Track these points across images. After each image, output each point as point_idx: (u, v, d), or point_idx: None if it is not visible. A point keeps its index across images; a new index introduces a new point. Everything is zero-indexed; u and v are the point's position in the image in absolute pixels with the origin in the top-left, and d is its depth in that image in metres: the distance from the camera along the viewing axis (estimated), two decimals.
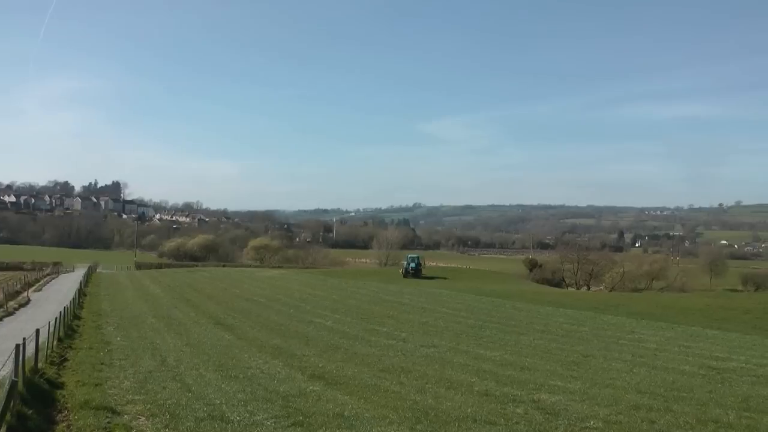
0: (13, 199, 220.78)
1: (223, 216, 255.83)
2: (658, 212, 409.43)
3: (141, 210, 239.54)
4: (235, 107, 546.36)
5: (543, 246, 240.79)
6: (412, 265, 65.31)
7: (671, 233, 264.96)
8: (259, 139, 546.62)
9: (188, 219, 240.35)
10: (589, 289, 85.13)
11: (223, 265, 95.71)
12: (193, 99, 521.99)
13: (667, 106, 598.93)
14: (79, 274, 64.46)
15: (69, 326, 22.68)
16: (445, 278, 62.23)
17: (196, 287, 47.96)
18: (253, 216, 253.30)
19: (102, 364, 15.99)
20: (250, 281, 55.15)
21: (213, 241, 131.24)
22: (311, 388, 13.62)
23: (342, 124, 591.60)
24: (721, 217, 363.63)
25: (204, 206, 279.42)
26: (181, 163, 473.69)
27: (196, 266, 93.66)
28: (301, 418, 10.95)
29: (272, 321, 27.37)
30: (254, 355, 18.15)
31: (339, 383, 14.24)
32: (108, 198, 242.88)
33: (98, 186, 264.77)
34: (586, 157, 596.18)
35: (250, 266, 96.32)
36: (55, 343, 18.05)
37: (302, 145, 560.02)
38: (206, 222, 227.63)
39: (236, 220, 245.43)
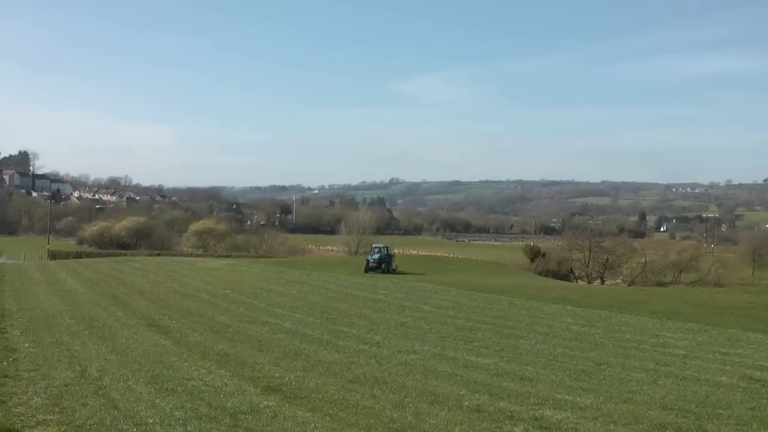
0: None
1: (158, 194, 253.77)
2: (688, 189, 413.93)
3: (55, 186, 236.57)
4: (166, 60, 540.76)
5: (547, 230, 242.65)
6: (375, 256, 62.26)
7: (704, 215, 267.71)
8: (199, 100, 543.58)
9: (114, 197, 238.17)
10: (603, 283, 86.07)
11: (158, 254, 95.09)
12: (114, 53, 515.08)
13: (698, 59, 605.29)
14: None
15: None
16: (422, 274, 61.96)
17: (125, 281, 47.62)
18: (194, 194, 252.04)
19: (5, 376, 15.81)
20: (190, 273, 54.86)
21: (145, 224, 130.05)
22: (265, 403, 13.61)
23: (300, 83, 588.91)
24: (766, 195, 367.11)
25: (134, 182, 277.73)
26: (103, 130, 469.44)
27: (125, 255, 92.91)
28: None
29: (218, 322, 27.28)
30: (196, 363, 18.08)
31: (299, 397, 14.25)
32: (13, 171, 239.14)
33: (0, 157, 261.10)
34: (598, 123, 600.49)
35: (190, 255, 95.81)
36: None
37: (253, 108, 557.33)
38: (136, 201, 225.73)
39: (173, 198, 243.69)
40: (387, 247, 65.30)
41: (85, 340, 21.94)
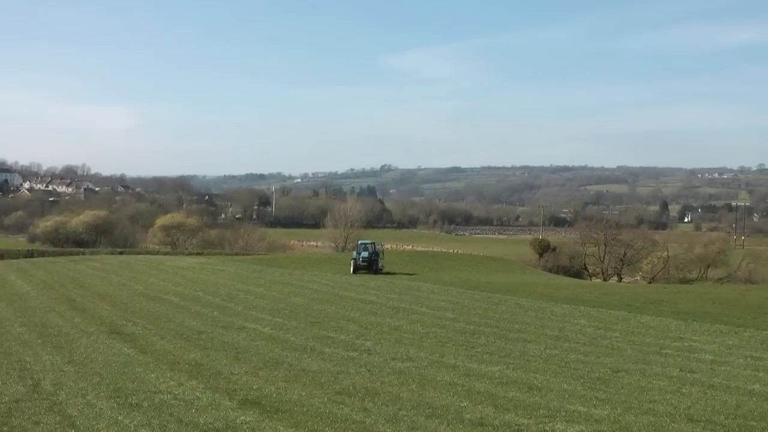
0: None
1: (119, 184, 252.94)
2: (716, 175, 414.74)
3: (3, 177, 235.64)
4: (123, 36, 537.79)
5: (558, 222, 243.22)
6: (364, 254, 61.44)
7: (734, 203, 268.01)
8: (164, 78, 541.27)
9: (71, 189, 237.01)
10: (620, 280, 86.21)
11: (120, 252, 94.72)
12: (65, 29, 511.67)
13: (726, 28, 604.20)
14: None
15: None
16: (415, 274, 61.75)
17: (83, 283, 47.47)
18: (160, 184, 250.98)
19: None
20: (157, 273, 54.70)
21: (105, 218, 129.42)
22: (243, 418, 13.63)
23: (278, 59, 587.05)
24: None
25: (92, 171, 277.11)
26: (57, 112, 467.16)
27: (83, 254, 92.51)
28: None
29: (189, 328, 27.24)
30: (164, 374, 18.08)
31: (281, 411, 14.27)
32: None
33: None
34: (614, 101, 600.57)
35: (158, 253, 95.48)
36: None
37: (226, 88, 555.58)
38: (96, 193, 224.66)
39: (137, 189, 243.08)
40: (374, 243, 64.96)
41: (38, 350, 21.87)
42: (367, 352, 22.23)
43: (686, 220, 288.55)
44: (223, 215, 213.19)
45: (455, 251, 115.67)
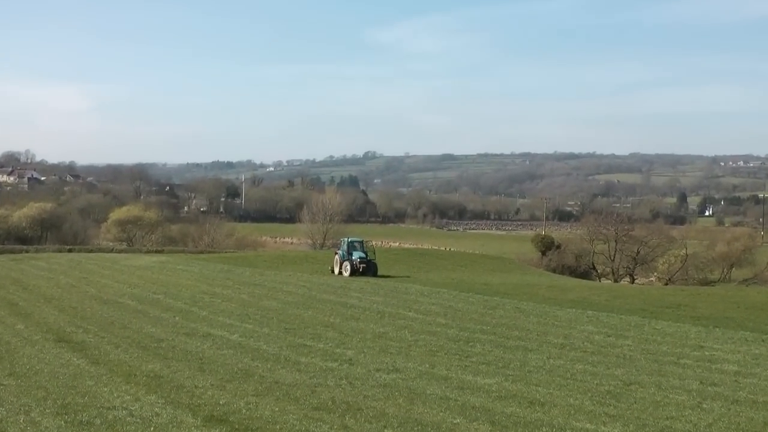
0: None
1: (69, 173, 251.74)
2: (740, 163, 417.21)
3: None
4: (69, 6, 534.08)
5: (563, 216, 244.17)
6: (359, 255, 60.10)
7: (761, 195, 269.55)
8: (119, 53, 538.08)
9: (12, 178, 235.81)
10: (633, 281, 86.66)
11: (70, 250, 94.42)
12: None
13: None
14: None
15: None
16: (407, 276, 61.66)
17: (26, 285, 47.30)
18: (115, 172, 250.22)
19: None
20: (112, 274, 54.56)
21: (52, 212, 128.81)
22: None
23: (249, 33, 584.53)
24: None
25: (37, 158, 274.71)
26: None
27: (26, 251, 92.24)
28: None
29: (147, 335, 27.16)
30: (118, 387, 18.01)
31: (250, 429, 14.26)
32: None
33: None
34: (626, 80, 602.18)
35: (112, 251, 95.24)
36: None
37: (189, 65, 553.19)
38: (41, 183, 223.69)
39: (89, 179, 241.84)
40: (362, 242, 64.45)
41: None
42: (348, 362, 22.24)
43: (707, 213, 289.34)
44: (186, 208, 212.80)
45: (447, 249, 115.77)
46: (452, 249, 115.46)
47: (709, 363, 23.90)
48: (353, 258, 59.63)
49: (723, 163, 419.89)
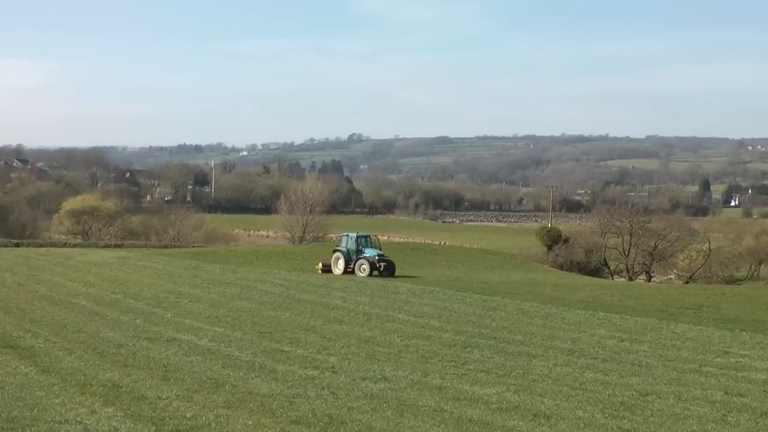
0: None
1: (16, 157, 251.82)
2: None
3: None
4: None
5: (571, 207, 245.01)
6: (375, 252, 58.70)
7: None
8: (73, 25, 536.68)
9: None
10: (650, 279, 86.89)
11: (17, 244, 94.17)
12: None
13: None
14: None
15: None
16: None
17: None
18: (69, 157, 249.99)
19: None
20: (65, 271, 54.49)
21: None
22: None
23: (218, 3, 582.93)
24: None
25: None
26: None
27: None
28: None
29: (104, 340, 27.10)
30: (72, 398, 17.91)
31: None
32: None
33: None
34: (641, 54, 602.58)
35: (64, 245, 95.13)
36: None
37: (151, 39, 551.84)
38: None
39: (39, 164, 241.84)
40: (369, 236, 63.09)
41: None
42: (330, 370, 22.21)
43: (733, 203, 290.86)
44: (148, 197, 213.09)
45: (442, 243, 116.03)
46: (447, 243, 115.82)
47: (735, 371, 23.94)
48: (369, 255, 58.13)
49: (750, 147, 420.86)
